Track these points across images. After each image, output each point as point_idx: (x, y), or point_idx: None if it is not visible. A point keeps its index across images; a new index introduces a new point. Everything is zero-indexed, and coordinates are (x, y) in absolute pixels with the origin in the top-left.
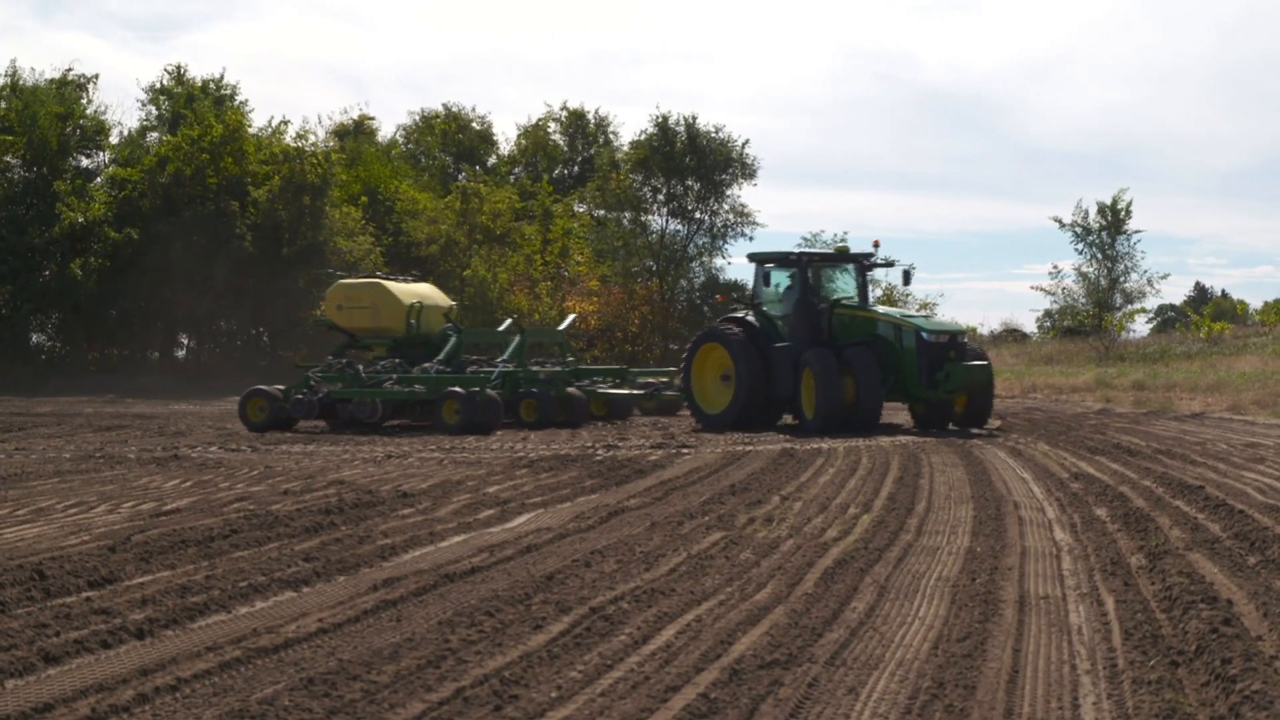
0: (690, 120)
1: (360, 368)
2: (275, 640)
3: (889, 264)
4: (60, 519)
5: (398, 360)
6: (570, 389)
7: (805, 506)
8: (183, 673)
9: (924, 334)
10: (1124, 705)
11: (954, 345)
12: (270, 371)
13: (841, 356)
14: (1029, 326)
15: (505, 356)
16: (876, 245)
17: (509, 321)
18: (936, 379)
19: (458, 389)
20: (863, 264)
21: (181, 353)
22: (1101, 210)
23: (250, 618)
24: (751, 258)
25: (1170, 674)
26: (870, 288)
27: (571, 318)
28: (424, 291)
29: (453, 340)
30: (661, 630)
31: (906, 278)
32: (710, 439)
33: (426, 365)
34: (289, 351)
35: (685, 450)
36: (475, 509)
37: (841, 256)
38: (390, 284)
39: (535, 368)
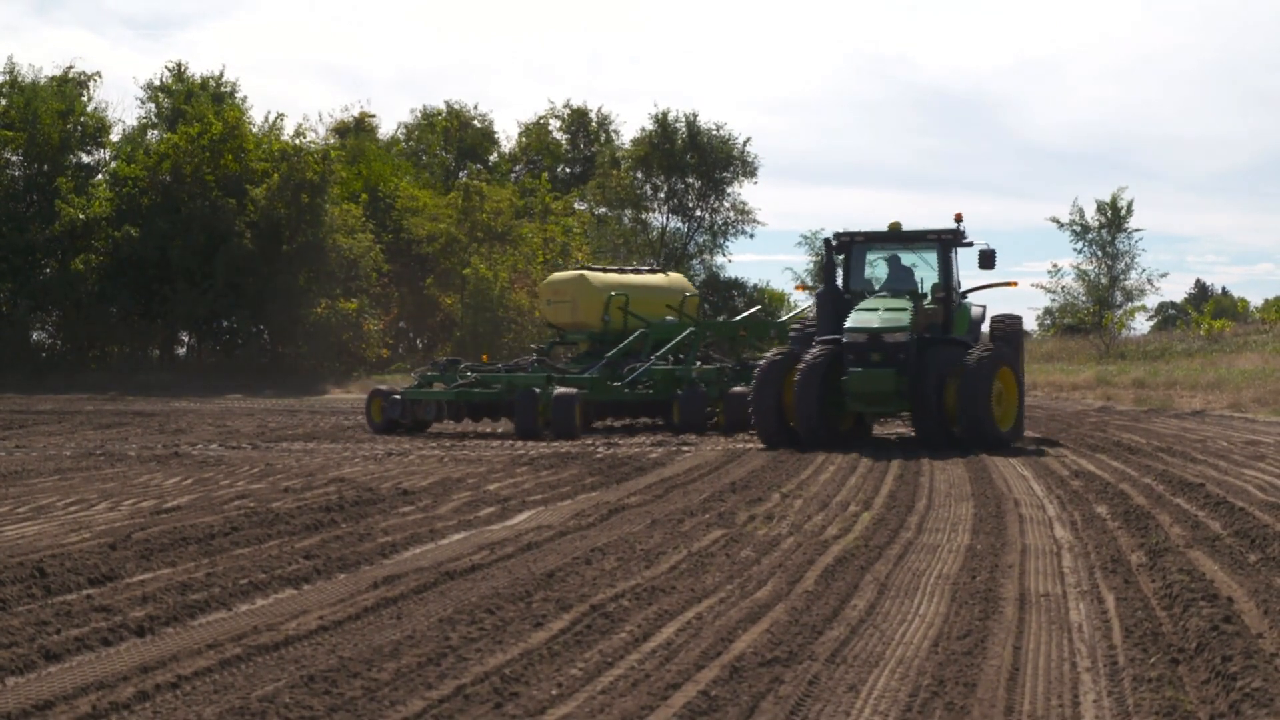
0: (691, 118)
1: (462, 364)
2: (276, 638)
3: (967, 244)
4: (61, 516)
5: (535, 359)
6: (738, 388)
7: (806, 504)
8: (183, 670)
9: (845, 333)
10: (1124, 703)
11: (878, 346)
12: (270, 369)
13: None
14: (1029, 324)
15: (660, 353)
16: (958, 219)
17: (755, 309)
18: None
19: (534, 390)
20: (946, 243)
21: (182, 350)
22: (1101, 208)
23: (251, 615)
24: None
25: (1171, 671)
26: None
27: (801, 307)
28: (648, 282)
29: (635, 334)
30: (662, 628)
31: (984, 259)
32: (711, 436)
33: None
34: (288, 349)
35: (685, 448)
36: (476, 506)
37: (895, 235)
38: (592, 275)
39: (718, 363)
